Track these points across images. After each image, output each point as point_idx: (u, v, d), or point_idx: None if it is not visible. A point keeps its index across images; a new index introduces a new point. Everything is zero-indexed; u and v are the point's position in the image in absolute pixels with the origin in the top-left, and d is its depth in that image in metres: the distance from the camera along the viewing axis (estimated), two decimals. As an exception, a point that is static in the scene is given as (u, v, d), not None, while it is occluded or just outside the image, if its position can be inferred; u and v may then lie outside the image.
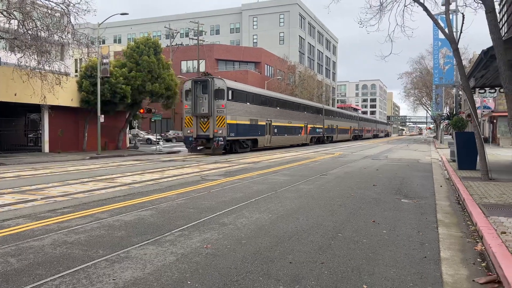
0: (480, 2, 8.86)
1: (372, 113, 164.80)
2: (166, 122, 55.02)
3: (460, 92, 37.69)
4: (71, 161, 21.14)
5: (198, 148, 26.50)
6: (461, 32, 13.10)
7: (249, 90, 31.10)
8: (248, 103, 29.45)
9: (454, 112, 24.42)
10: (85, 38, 24.25)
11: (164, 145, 37.60)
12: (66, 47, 24.60)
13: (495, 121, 44.12)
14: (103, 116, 26.98)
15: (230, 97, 26.54)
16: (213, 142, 25.79)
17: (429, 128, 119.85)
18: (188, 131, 26.85)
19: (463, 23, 12.92)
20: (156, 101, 33.73)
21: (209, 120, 26.08)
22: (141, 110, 31.15)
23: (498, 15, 16.03)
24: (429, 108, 70.62)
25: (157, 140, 33.66)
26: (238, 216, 7.37)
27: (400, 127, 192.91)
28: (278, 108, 35.24)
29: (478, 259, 5.10)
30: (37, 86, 22.18)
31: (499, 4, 17.41)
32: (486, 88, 20.03)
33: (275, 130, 34.13)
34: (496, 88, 20.06)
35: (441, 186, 11.86)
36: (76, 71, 42.14)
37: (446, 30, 13.03)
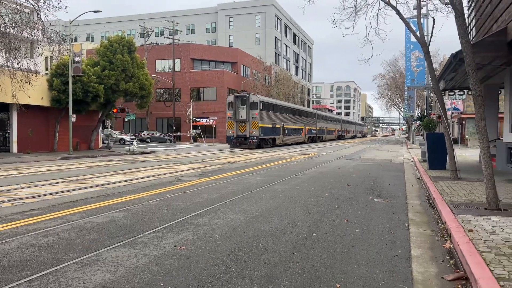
0: (450, 6, 9.12)
1: (347, 114, 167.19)
2: (140, 122, 54.20)
3: (431, 94, 38.71)
4: (41, 162, 20.53)
5: (237, 144, 35.81)
6: (431, 35, 13.45)
7: (272, 102, 41.57)
8: (270, 112, 38.96)
9: (425, 114, 25.04)
10: (56, 36, 23.57)
11: (138, 145, 37.03)
12: (36, 44, 23.88)
13: (464, 122, 45.53)
14: (75, 115, 26.34)
15: (261, 108, 36.32)
16: (249, 140, 35.30)
17: (402, 129, 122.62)
18: (230, 132, 36.33)
19: (433, 27, 13.29)
20: (130, 101, 33.20)
21: (246, 124, 35.59)
22: (114, 110, 30.60)
23: (467, 19, 16.55)
24: (402, 110, 72.15)
25: (131, 140, 33.11)
26: (213, 217, 7.33)
27: (374, 128, 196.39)
28: (287, 114, 44.49)
29: (447, 257, 5.24)
30: (4, 85, 21.45)
31: (468, 9, 17.98)
32: (455, 90, 20.66)
33: (286, 132, 43.67)
34: (465, 91, 20.70)
35: (412, 185, 12.15)
36: (46, 69, 40.94)
37: (418, 33, 13.36)
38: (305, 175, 14.58)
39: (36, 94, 24.93)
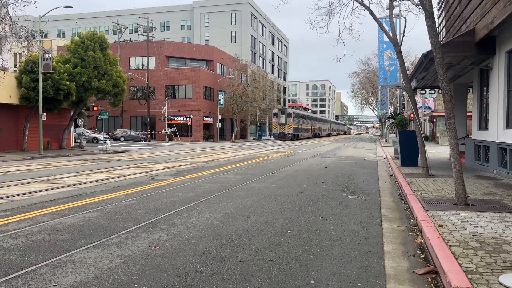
0: (421, 7, 9.34)
1: (322, 112, 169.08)
2: (114, 121, 53.19)
3: (404, 93, 39.54)
4: (9, 162, 19.87)
5: (280, 138, 59.15)
6: (403, 35, 13.72)
7: (299, 112, 66.88)
8: (297, 118, 63.08)
9: (398, 112, 25.57)
10: (24, 31, 22.82)
11: (112, 144, 36.36)
12: (3, 40, 23.08)
13: (435, 120, 46.76)
14: (45, 114, 25.61)
15: (293, 116, 60.85)
16: (286, 135, 59.27)
17: (375, 127, 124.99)
18: (275, 131, 61.61)
19: (405, 27, 13.57)
20: (103, 99, 32.54)
21: (284, 126, 60.01)
22: (95, 108, 30.14)
23: (437, 20, 16.99)
24: (375, 108, 73.47)
25: (104, 139, 32.46)
26: (188, 216, 7.28)
27: (348, 126, 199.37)
28: (303, 119, 69.07)
29: (418, 252, 5.37)
30: (-30, 81, 20.66)
31: (438, 10, 18.45)
32: (426, 89, 21.20)
33: (303, 130, 68.09)
34: (436, 89, 21.29)
35: (385, 182, 12.39)
36: (15, 66, 39.67)
37: (390, 33, 13.61)
38: (281, 173, 14.66)
39: (4, 91, 24.11)
